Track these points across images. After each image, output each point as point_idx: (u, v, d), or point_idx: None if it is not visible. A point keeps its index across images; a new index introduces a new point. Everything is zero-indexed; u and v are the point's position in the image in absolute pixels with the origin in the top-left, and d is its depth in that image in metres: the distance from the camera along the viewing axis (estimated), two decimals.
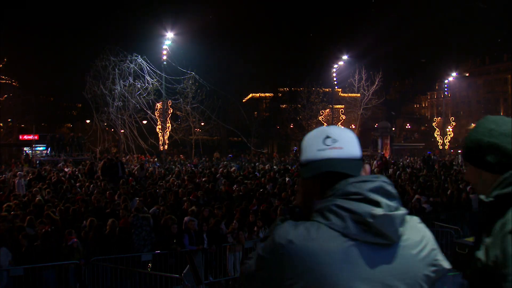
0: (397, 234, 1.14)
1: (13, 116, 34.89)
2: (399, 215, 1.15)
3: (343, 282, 1.09)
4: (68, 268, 6.80)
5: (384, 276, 1.12)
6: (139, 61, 28.06)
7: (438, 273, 1.22)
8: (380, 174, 1.28)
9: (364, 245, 1.12)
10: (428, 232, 1.24)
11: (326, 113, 35.16)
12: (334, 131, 1.28)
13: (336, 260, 1.10)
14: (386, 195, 1.16)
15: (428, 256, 1.20)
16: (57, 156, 23.82)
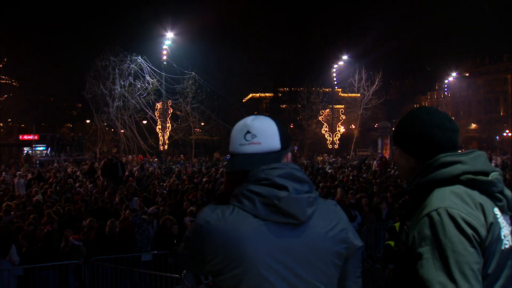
0: (304, 214, 1.27)
1: (13, 116, 34.89)
2: (305, 198, 1.28)
3: (255, 255, 1.23)
4: (68, 268, 6.80)
5: (294, 250, 1.27)
6: (139, 61, 28.07)
7: (349, 250, 1.37)
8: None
9: (274, 224, 1.26)
10: (342, 214, 1.40)
11: (326, 113, 35.16)
12: (254, 126, 1.39)
13: (247, 237, 1.24)
14: (295, 180, 1.29)
15: (339, 234, 1.34)
16: (57, 156, 23.82)
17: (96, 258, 6.83)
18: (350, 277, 1.42)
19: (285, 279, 1.26)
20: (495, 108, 65.41)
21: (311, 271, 1.29)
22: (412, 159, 1.51)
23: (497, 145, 53.03)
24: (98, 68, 27.76)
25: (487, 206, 1.34)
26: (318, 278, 1.30)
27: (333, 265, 1.33)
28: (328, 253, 1.32)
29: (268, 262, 1.25)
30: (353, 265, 1.42)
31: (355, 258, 1.42)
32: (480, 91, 68.69)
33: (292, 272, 1.27)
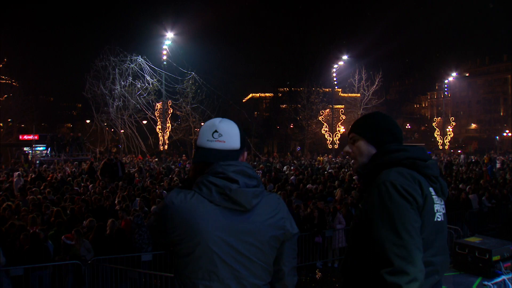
0: (250, 203, 1.58)
1: (13, 116, 34.84)
2: (251, 191, 1.59)
3: (206, 232, 1.54)
4: (68, 268, 6.80)
5: (239, 231, 1.58)
6: (139, 61, 28.07)
7: (285, 235, 1.68)
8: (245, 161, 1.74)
9: (225, 209, 1.57)
10: (282, 206, 1.71)
11: (326, 113, 35.16)
12: (221, 127, 1.69)
13: (202, 217, 1.55)
14: (246, 176, 1.62)
15: (277, 222, 1.65)
16: (57, 156, 23.82)
17: (96, 258, 6.84)
18: (285, 257, 1.71)
19: (228, 253, 1.57)
20: (495, 108, 65.42)
21: (250, 249, 1.60)
22: (373, 148, 1.85)
23: (497, 145, 53.03)
24: (98, 68, 27.75)
25: (423, 183, 1.67)
26: (256, 255, 1.61)
27: (270, 246, 1.64)
28: (266, 236, 1.62)
29: (216, 238, 1.55)
30: (289, 247, 1.71)
31: (291, 242, 1.72)
32: (480, 91, 68.71)
33: (234, 249, 1.57)
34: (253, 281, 1.62)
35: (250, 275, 1.61)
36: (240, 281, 1.60)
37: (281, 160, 28.74)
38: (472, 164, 23.55)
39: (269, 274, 1.69)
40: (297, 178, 15.39)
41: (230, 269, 1.58)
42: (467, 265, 5.75)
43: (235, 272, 1.59)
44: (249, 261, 1.60)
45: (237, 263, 1.58)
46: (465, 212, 11.40)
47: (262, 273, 1.65)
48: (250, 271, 1.61)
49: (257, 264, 1.62)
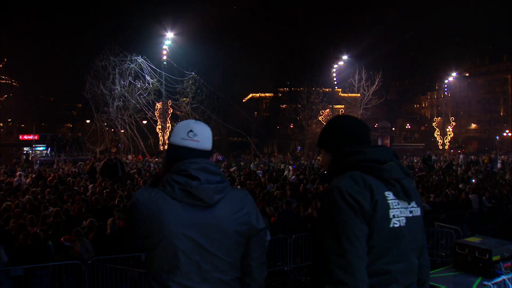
0: (211, 199, 1.63)
1: (13, 116, 34.83)
2: (212, 187, 1.64)
3: (169, 228, 1.61)
4: (68, 268, 6.80)
5: (202, 226, 1.62)
6: (139, 61, 28.07)
7: (251, 230, 1.70)
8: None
9: (188, 205, 1.63)
10: (249, 201, 1.73)
11: (326, 113, 35.17)
12: (196, 128, 1.77)
13: (166, 213, 1.61)
14: (208, 172, 1.67)
15: (242, 217, 1.68)
16: (57, 156, 23.82)
17: (96, 258, 6.84)
18: (252, 252, 1.72)
19: (191, 248, 1.62)
20: (495, 108, 65.42)
21: (214, 244, 1.63)
22: (331, 155, 1.81)
23: (497, 145, 53.04)
24: (98, 68, 27.75)
25: (377, 188, 1.60)
26: (220, 250, 1.64)
27: (235, 241, 1.67)
28: (230, 231, 1.65)
29: (179, 233, 1.61)
30: (256, 243, 1.72)
31: (258, 237, 1.73)
32: (480, 91, 68.70)
33: (197, 244, 1.62)
34: (218, 276, 1.65)
35: (214, 270, 1.64)
36: (204, 275, 1.64)
37: (283, 160, 28.74)
38: (472, 164, 23.55)
39: (237, 270, 1.71)
40: (297, 178, 15.39)
41: (194, 263, 1.63)
42: (467, 265, 5.74)
43: (199, 267, 1.63)
44: (212, 256, 1.64)
45: (200, 258, 1.63)
46: (465, 212, 11.40)
47: (228, 269, 1.68)
48: (214, 266, 1.64)
49: (221, 260, 1.65)
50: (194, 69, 30.40)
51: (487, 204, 12.19)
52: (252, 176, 16.47)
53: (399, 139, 53.99)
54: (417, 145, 47.84)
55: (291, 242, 8.61)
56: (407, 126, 64.10)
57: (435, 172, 19.46)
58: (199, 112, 31.22)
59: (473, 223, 11.58)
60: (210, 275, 1.64)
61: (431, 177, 16.92)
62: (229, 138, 40.68)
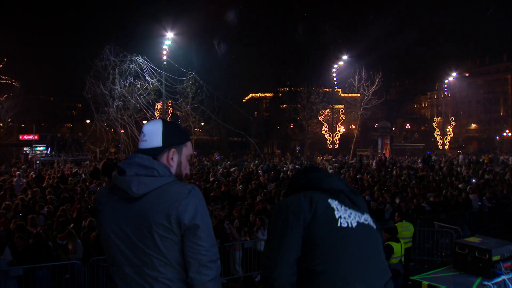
0: (133, 191, 1.64)
1: (13, 116, 34.83)
2: (136, 179, 1.65)
3: (104, 220, 1.72)
4: (67, 268, 6.80)
5: (130, 218, 1.65)
6: (139, 61, 28.05)
7: (179, 225, 1.62)
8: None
9: (121, 198, 1.68)
10: (190, 197, 1.65)
11: (326, 113, 35.14)
12: (145, 128, 1.82)
13: (103, 206, 1.74)
14: (138, 166, 1.69)
15: (167, 210, 1.61)
16: (57, 156, 23.82)
17: (96, 258, 6.83)
18: (186, 251, 1.64)
19: (122, 240, 1.66)
20: (495, 108, 65.39)
21: (141, 238, 1.63)
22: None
23: (497, 145, 53.01)
24: (98, 68, 27.74)
25: (318, 197, 1.77)
26: (146, 244, 1.62)
27: (161, 236, 1.62)
28: (153, 224, 1.61)
29: (112, 225, 1.68)
30: (188, 241, 1.63)
31: (191, 234, 1.63)
32: (480, 91, 68.66)
33: (127, 236, 1.65)
34: (148, 272, 1.62)
35: (144, 265, 1.63)
36: (135, 269, 1.64)
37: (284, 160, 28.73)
38: (472, 164, 23.54)
39: (172, 269, 1.64)
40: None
41: (125, 256, 1.66)
42: (467, 265, 5.74)
43: (130, 260, 1.65)
44: (140, 251, 1.63)
45: (129, 251, 1.65)
46: (465, 212, 11.39)
47: (159, 266, 1.62)
48: (142, 261, 1.63)
49: (150, 255, 1.62)
50: (194, 69, 30.41)
51: (487, 204, 12.18)
52: (253, 176, 16.46)
53: (399, 139, 53.95)
54: (417, 145, 47.82)
55: None
56: (407, 126, 64.05)
57: (435, 172, 19.45)
58: (199, 112, 31.21)
59: (473, 223, 11.57)
60: (140, 269, 1.63)
61: (431, 177, 16.91)
62: (229, 138, 40.67)
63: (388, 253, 6.51)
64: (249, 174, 17.26)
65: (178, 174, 1.83)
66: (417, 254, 9.66)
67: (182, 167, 1.85)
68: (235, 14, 38.66)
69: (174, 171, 1.80)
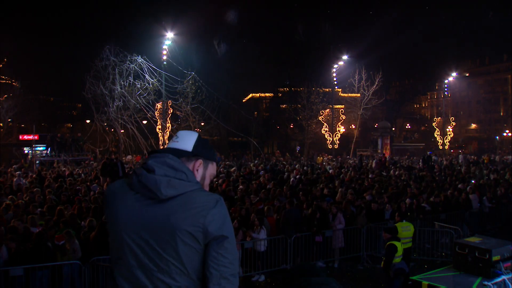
0: (161, 192, 1.55)
1: (13, 116, 34.81)
2: (165, 179, 1.58)
3: (120, 216, 1.61)
4: (67, 268, 6.80)
5: (150, 221, 1.56)
6: (139, 61, 28.04)
7: (205, 235, 1.55)
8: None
9: (142, 198, 1.59)
10: (217, 208, 1.58)
11: (326, 113, 35.12)
12: (181, 133, 1.82)
13: (120, 202, 1.63)
14: (168, 166, 1.62)
15: (194, 218, 1.54)
16: (57, 156, 23.82)
17: (96, 258, 6.83)
18: (209, 261, 1.57)
19: (136, 242, 1.58)
20: (495, 108, 65.35)
21: (160, 242, 1.55)
22: None
23: (497, 145, 52.99)
24: (98, 68, 27.73)
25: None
26: (165, 250, 1.55)
27: (184, 244, 1.54)
28: (178, 231, 1.53)
29: (128, 224, 1.59)
30: (213, 251, 1.56)
31: (216, 245, 1.56)
32: (480, 91, 68.64)
33: (143, 238, 1.57)
34: (162, 277, 1.56)
35: (158, 270, 1.56)
36: (147, 273, 1.57)
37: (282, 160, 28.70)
38: (472, 164, 23.53)
39: (188, 278, 1.58)
40: (297, 179, 15.38)
41: (137, 258, 1.58)
42: (467, 265, 5.74)
43: (141, 263, 1.57)
44: (157, 255, 1.56)
45: (143, 254, 1.57)
46: (465, 212, 11.40)
47: (175, 274, 1.56)
48: (157, 265, 1.56)
49: (167, 260, 1.55)
50: (194, 70, 30.39)
51: (487, 204, 12.19)
52: (253, 176, 16.46)
53: (399, 139, 53.90)
54: (417, 145, 47.79)
55: (291, 242, 8.62)
56: (407, 126, 64.01)
57: (435, 173, 19.45)
58: (199, 112, 31.20)
59: (473, 223, 11.58)
60: (154, 275, 1.56)
61: (431, 177, 16.90)
62: (229, 138, 40.65)
63: (393, 252, 6.52)
64: (249, 174, 17.26)
65: None
66: (417, 254, 9.67)
67: (205, 182, 1.79)
68: (235, 14, 38.65)
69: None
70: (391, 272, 6.47)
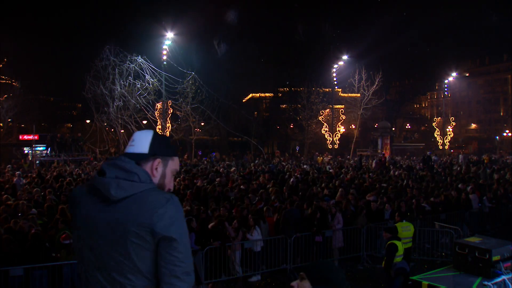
0: (111, 194, 1.60)
1: (13, 116, 34.83)
2: (115, 181, 1.62)
3: (78, 219, 1.69)
4: (67, 267, 6.80)
5: (104, 222, 1.61)
6: (139, 61, 28.05)
7: (152, 235, 1.58)
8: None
9: (97, 200, 1.64)
10: (168, 207, 1.60)
11: (326, 113, 35.12)
12: (136, 134, 1.83)
13: (78, 206, 1.70)
14: (120, 169, 1.66)
15: (142, 218, 1.57)
16: (57, 156, 23.83)
17: None
18: (161, 261, 1.59)
19: (93, 242, 1.63)
20: (495, 108, 65.36)
21: (112, 241, 1.60)
22: None
23: (497, 145, 52.99)
24: (98, 68, 27.74)
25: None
26: (117, 248, 1.59)
27: (133, 243, 1.58)
28: (127, 231, 1.58)
29: (84, 227, 1.66)
30: (163, 251, 1.59)
31: (166, 245, 1.59)
32: (480, 91, 68.65)
33: (99, 238, 1.62)
34: (118, 278, 1.60)
35: (113, 271, 1.60)
36: (104, 274, 1.62)
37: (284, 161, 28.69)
38: (472, 164, 23.53)
39: (143, 277, 1.60)
40: (297, 178, 15.38)
41: (95, 258, 1.63)
42: (467, 265, 5.74)
43: (99, 264, 1.63)
44: (111, 256, 1.60)
45: (100, 255, 1.62)
46: (465, 212, 11.39)
47: (129, 274, 1.59)
48: (112, 266, 1.60)
49: (120, 261, 1.59)
50: (194, 70, 30.40)
51: (488, 204, 12.18)
52: (253, 176, 16.46)
53: (399, 139, 53.89)
54: (417, 145, 47.78)
55: (291, 242, 8.62)
56: (407, 126, 63.99)
57: (435, 173, 19.44)
58: (199, 112, 31.20)
59: (473, 223, 11.58)
60: (109, 274, 1.61)
61: (431, 177, 16.89)
62: (229, 138, 40.65)
63: (393, 251, 6.52)
64: (249, 174, 17.26)
65: (160, 185, 1.78)
66: (417, 254, 9.66)
67: (166, 179, 1.81)
68: (235, 14, 38.65)
69: (157, 181, 1.77)
70: (392, 271, 6.47)
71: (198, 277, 6.62)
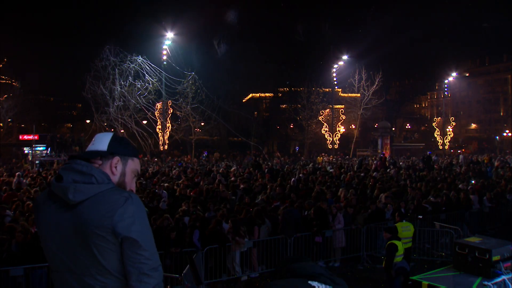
0: (69, 197, 1.61)
1: (13, 116, 34.83)
2: (73, 185, 1.63)
3: (42, 225, 1.70)
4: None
5: (66, 225, 1.63)
6: (139, 61, 28.05)
7: (114, 235, 1.59)
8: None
9: (58, 203, 1.66)
10: (126, 206, 1.62)
11: (326, 113, 35.12)
12: (97, 135, 1.87)
13: (40, 212, 1.72)
14: (76, 172, 1.67)
15: (102, 219, 1.59)
16: (57, 156, 23.81)
17: None
18: (125, 260, 1.61)
19: (59, 245, 1.65)
20: (495, 108, 65.34)
21: (76, 245, 1.61)
22: None
23: (497, 145, 52.99)
24: (98, 68, 27.74)
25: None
26: (82, 251, 1.61)
27: (94, 244, 1.59)
28: (88, 232, 1.59)
29: (48, 232, 1.67)
30: (127, 250, 1.61)
31: (129, 245, 1.60)
32: (480, 91, 68.60)
33: (64, 243, 1.64)
34: (87, 280, 1.62)
35: (82, 273, 1.62)
36: (74, 276, 1.64)
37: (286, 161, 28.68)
38: (472, 164, 23.51)
39: (112, 277, 1.62)
40: (296, 179, 15.37)
41: (64, 263, 1.65)
42: (467, 265, 5.74)
43: (69, 267, 1.64)
44: (78, 259, 1.62)
45: (68, 258, 1.64)
46: (465, 212, 11.39)
47: (97, 275, 1.61)
48: (80, 268, 1.62)
49: (86, 263, 1.61)
50: (194, 70, 30.40)
51: (488, 204, 12.17)
52: (253, 176, 16.45)
53: (399, 139, 53.87)
54: (417, 145, 47.77)
55: (291, 242, 8.62)
56: (407, 126, 63.96)
57: (436, 173, 19.42)
58: (199, 112, 31.19)
59: (473, 223, 11.57)
60: (79, 277, 1.62)
61: (431, 177, 16.88)
62: (229, 138, 40.66)
63: (393, 251, 6.52)
64: (249, 174, 17.25)
65: (120, 183, 1.80)
66: (417, 254, 9.66)
67: (126, 178, 1.82)
68: (235, 14, 38.63)
69: (117, 180, 1.78)
70: (393, 271, 6.47)
71: (198, 277, 6.61)
